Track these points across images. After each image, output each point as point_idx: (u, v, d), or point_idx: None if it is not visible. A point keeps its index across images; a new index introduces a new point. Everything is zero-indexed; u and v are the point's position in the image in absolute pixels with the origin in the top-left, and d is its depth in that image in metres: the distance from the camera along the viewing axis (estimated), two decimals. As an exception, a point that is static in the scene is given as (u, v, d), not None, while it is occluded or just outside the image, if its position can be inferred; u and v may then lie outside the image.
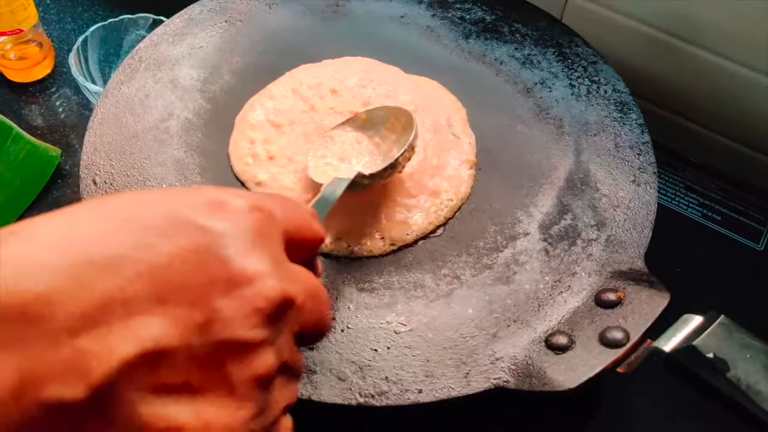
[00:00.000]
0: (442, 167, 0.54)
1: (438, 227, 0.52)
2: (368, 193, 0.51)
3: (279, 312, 0.25)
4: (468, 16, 0.65)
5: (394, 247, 0.51)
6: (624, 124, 0.57)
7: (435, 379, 0.44)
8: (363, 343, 0.45)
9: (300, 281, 0.27)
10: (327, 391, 0.43)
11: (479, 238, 0.51)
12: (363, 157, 0.52)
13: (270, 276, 0.25)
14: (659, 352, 0.40)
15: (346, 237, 0.50)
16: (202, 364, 0.23)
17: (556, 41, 0.63)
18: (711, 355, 0.37)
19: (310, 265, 0.31)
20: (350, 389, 0.43)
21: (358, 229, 0.51)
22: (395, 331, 0.46)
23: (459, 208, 0.53)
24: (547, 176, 0.55)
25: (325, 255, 0.50)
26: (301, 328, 0.27)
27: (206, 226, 0.24)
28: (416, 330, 0.46)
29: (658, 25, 0.66)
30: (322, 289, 0.29)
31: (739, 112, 0.66)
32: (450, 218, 0.52)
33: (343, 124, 0.54)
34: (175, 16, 0.63)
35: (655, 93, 0.69)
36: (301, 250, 0.29)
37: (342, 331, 0.46)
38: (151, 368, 0.22)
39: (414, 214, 0.52)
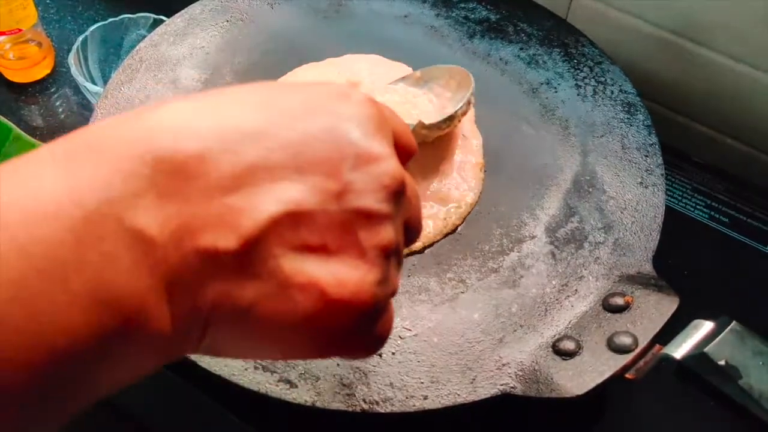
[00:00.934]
0: (451, 171, 0.53)
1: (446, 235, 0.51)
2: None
3: (400, 192, 0.26)
4: (472, 16, 0.64)
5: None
6: (631, 125, 0.57)
7: (440, 385, 0.43)
8: (367, 348, 0.45)
9: (407, 176, 0.28)
10: (331, 397, 0.42)
11: (485, 241, 0.51)
12: (418, 110, 0.53)
13: (391, 159, 0.26)
14: (669, 359, 0.39)
15: None
16: (337, 229, 0.24)
17: (562, 41, 0.62)
18: (723, 363, 0.37)
19: None
20: (354, 395, 0.42)
21: None
22: (400, 336, 0.45)
23: (467, 215, 0.52)
24: (553, 178, 0.54)
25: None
26: (407, 219, 0.29)
27: (336, 110, 0.26)
28: (421, 335, 0.45)
29: (664, 26, 0.65)
30: (417, 192, 0.31)
31: (748, 113, 0.65)
32: (459, 225, 0.52)
33: (398, 81, 0.54)
34: (176, 15, 0.62)
35: (662, 94, 0.69)
36: (401, 157, 0.30)
37: (346, 336, 0.45)
38: (294, 228, 0.24)
39: (424, 223, 0.51)
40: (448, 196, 0.52)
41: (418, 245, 0.50)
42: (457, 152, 0.54)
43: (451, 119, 0.51)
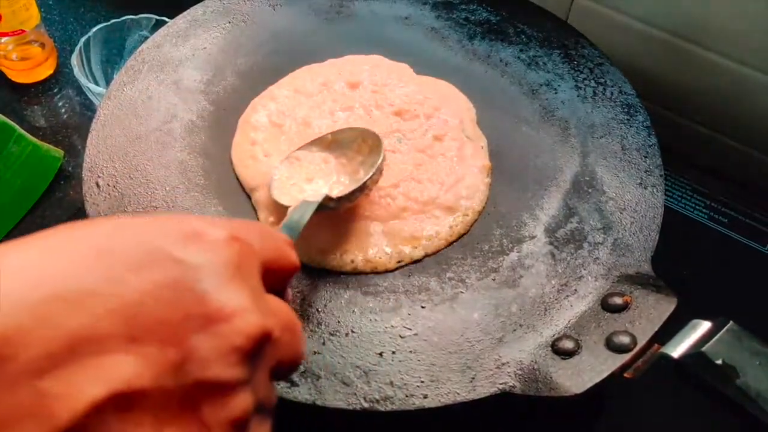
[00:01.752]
0: (460, 178, 0.53)
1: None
2: (377, 209, 0.51)
3: (257, 349, 0.24)
4: (473, 17, 0.64)
5: (402, 264, 0.50)
6: (630, 126, 0.57)
7: (440, 384, 0.43)
8: (367, 347, 0.45)
9: (276, 314, 0.26)
10: (331, 395, 0.43)
11: (485, 241, 0.51)
12: (330, 178, 0.51)
13: (248, 311, 0.23)
14: (667, 358, 0.39)
15: (350, 254, 0.50)
16: (175, 407, 0.21)
17: (562, 42, 0.62)
18: (720, 362, 0.37)
19: (281, 294, 0.30)
20: (355, 394, 0.43)
21: (363, 246, 0.50)
22: (400, 335, 0.46)
23: (473, 223, 0.52)
24: (553, 179, 0.54)
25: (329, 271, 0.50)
26: (277, 363, 0.26)
27: (182, 258, 0.23)
28: (421, 334, 0.46)
29: (664, 27, 0.65)
30: (297, 321, 0.28)
31: (747, 114, 0.65)
32: (464, 234, 0.52)
33: (308, 144, 0.53)
34: (178, 17, 0.63)
35: (662, 95, 0.69)
36: (276, 279, 0.28)
37: (346, 335, 0.46)
38: (122, 411, 0.20)
39: (427, 230, 0.51)
40: (455, 205, 0.52)
41: (419, 253, 0.50)
42: (462, 157, 0.55)
43: (360, 190, 0.49)
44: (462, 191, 0.53)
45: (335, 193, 0.48)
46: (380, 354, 0.45)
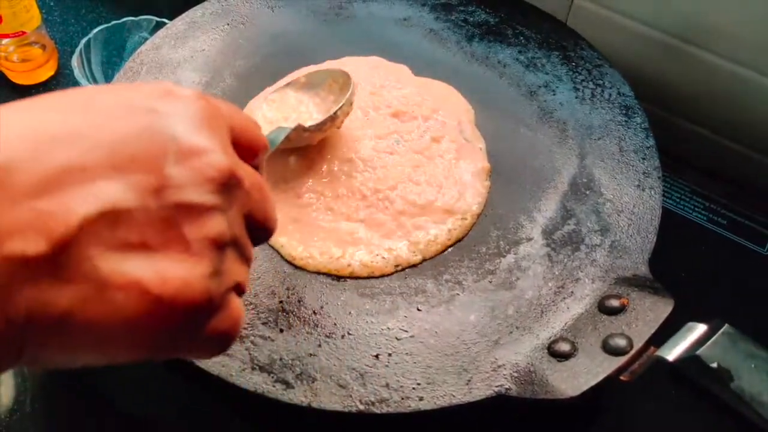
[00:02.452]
0: (458, 180, 0.53)
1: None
2: (374, 213, 0.51)
3: (228, 183, 0.26)
4: (471, 19, 0.64)
5: (400, 269, 0.50)
6: (628, 128, 0.57)
7: (436, 386, 0.43)
8: (364, 349, 0.45)
9: (246, 170, 0.28)
10: (327, 398, 0.43)
11: (481, 243, 0.51)
12: (304, 116, 0.54)
13: (217, 151, 0.26)
14: (663, 361, 0.39)
15: (348, 258, 0.50)
16: (158, 225, 0.24)
17: (561, 44, 0.62)
18: (714, 365, 0.37)
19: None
20: (351, 396, 0.43)
21: (361, 251, 0.50)
22: (396, 338, 0.46)
23: (472, 226, 0.52)
24: (551, 180, 0.54)
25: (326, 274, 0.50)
26: (250, 213, 0.28)
27: (156, 108, 0.26)
28: (417, 336, 0.46)
29: (664, 28, 0.65)
30: (267, 187, 0.30)
31: (746, 115, 0.65)
32: (463, 237, 0.52)
33: (283, 87, 0.55)
34: (177, 19, 0.63)
35: (661, 96, 0.69)
36: (245, 153, 0.30)
37: (342, 337, 0.46)
38: (111, 227, 0.23)
39: (425, 234, 0.51)
40: (453, 208, 0.52)
41: (417, 258, 0.50)
42: (461, 159, 0.55)
43: (332, 119, 0.52)
44: (460, 194, 0.53)
45: (308, 124, 0.51)
46: (376, 356, 0.45)
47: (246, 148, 0.30)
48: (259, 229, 0.29)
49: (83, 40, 0.70)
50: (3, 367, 0.23)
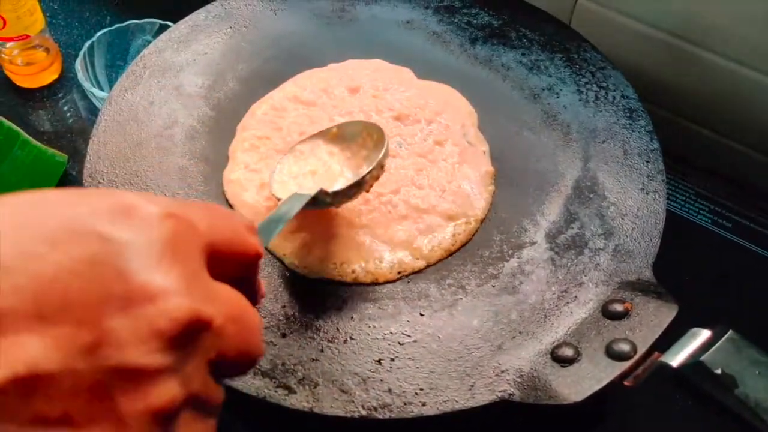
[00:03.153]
0: (462, 184, 0.53)
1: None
2: (377, 218, 0.51)
3: (186, 335, 0.22)
4: (475, 21, 0.64)
5: (403, 275, 0.50)
6: (633, 130, 0.56)
7: (439, 392, 0.43)
8: (366, 354, 0.45)
9: (221, 301, 0.24)
10: (329, 403, 0.43)
11: (485, 247, 0.51)
12: (333, 172, 0.50)
13: (177, 293, 0.22)
14: (666, 367, 0.39)
15: (351, 264, 0.49)
16: (86, 394, 0.20)
17: (564, 46, 0.62)
18: (719, 371, 0.37)
19: (249, 284, 0.28)
20: (353, 401, 0.43)
21: (364, 257, 0.50)
22: (399, 342, 0.46)
23: (476, 231, 0.52)
24: (554, 184, 0.54)
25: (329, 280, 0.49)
26: (219, 355, 0.23)
27: (108, 234, 0.21)
28: (420, 341, 0.46)
29: (668, 29, 0.65)
30: (251, 312, 0.26)
31: (751, 116, 0.65)
32: (467, 242, 0.51)
33: (313, 137, 0.52)
34: (180, 22, 0.63)
35: (665, 98, 0.68)
36: (232, 266, 0.26)
37: (345, 341, 0.46)
38: (26, 396, 0.19)
39: (429, 240, 0.50)
40: (457, 213, 0.52)
41: (421, 264, 0.50)
42: (464, 162, 0.54)
43: (359, 185, 0.47)
44: (464, 198, 0.52)
45: (331, 189, 0.47)
46: (379, 361, 0.45)
47: (232, 261, 0.26)
48: (236, 364, 0.25)
49: (87, 44, 0.70)
50: None
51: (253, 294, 0.29)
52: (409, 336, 0.46)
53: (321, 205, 0.47)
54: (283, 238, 0.50)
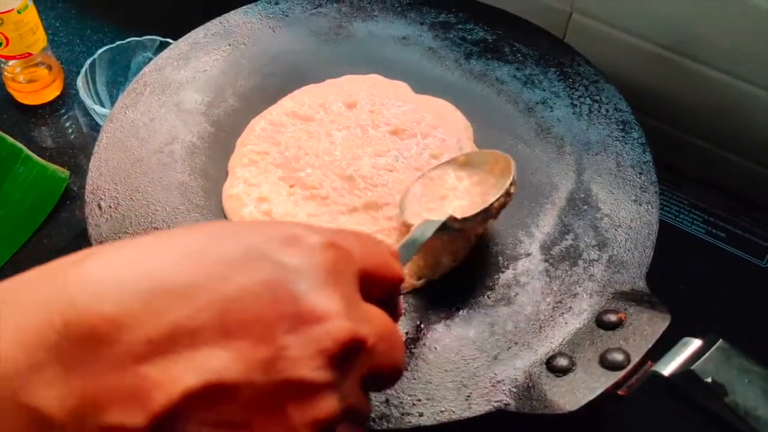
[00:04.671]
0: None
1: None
2: (375, 231, 0.51)
3: (347, 354, 0.24)
4: (469, 37, 0.65)
5: (402, 293, 0.49)
6: (626, 143, 0.57)
7: (436, 402, 0.44)
8: (364, 366, 0.46)
9: (373, 322, 0.26)
10: (328, 414, 0.43)
11: (480, 259, 0.52)
12: (462, 200, 0.51)
13: (340, 316, 0.24)
14: (659, 376, 0.40)
15: None
16: (263, 403, 0.22)
17: (558, 60, 0.63)
18: (709, 380, 0.37)
19: (390, 305, 0.31)
20: (351, 413, 0.43)
21: None
22: (396, 354, 0.46)
23: (475, 245, 0.52)
24: (549, 196, 0.55)
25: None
26: (370, 371, 0.26)
27: (280, 260, 0.24)
28: (417, 353, 0.46)
29: (661, 42, 0.66)
30: (397, 332, 0.28)
31: (744, 127, 0.66)
32: (466, 257, 0.51)
33: (443, 165, 0.53)
34: (180, 40, 0.64)
35: (659, 109, 0.69)
36: (379, 288, 0.28)
37: (343, 354, 0.46)
38: (213, 402, 0.21)
39: (429, 257, 0.50)
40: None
41: (420, 282, 0.50)
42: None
43: (486, 212, 0.48)
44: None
45: (460, 215, 0.48)
46: (376, 372, 0.45)
47: (379, 285, 0.28)
48: (384, 380, 0.27)
49: (88, 61, 0.71)
50: None
51: (395, 313, 0.32)
52: (406, 347, 0.47)
53: (449, 231, 0.48)
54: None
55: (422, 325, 0.48)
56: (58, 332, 0.21)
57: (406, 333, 0.47)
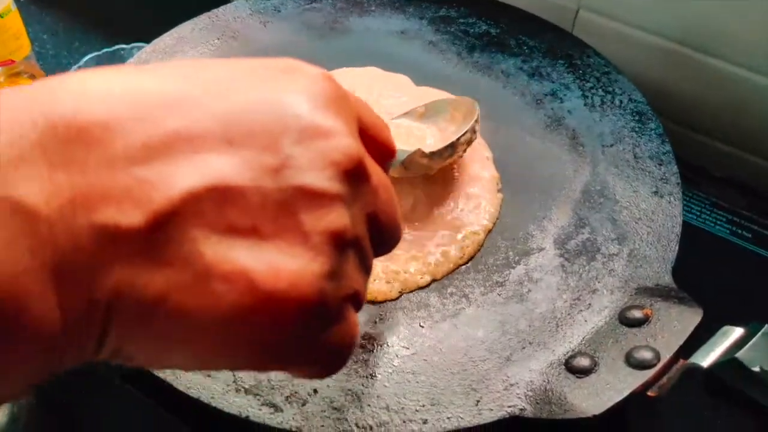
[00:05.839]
0: (467, 192, 0.50)
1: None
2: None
3: (355, 172, 0.23)
4: (472, 30, 0.62)
5: (404, 293, 0.45)
6: (642, 134, 0.53)
7: (442, 408, 0.39)
8: (360, 368, 0.41)
9: (373, 164, 0.25)
10: (320, 421, 0.38)
11: (489, 254, 0.47)
12: (425, 142, 0.50)
13: (346, 134, 0.23)
14: (696, 369, 0.35)
15: None
16: (273, 209, 0.21)
17: (566, 53, 0.60)
18: (757, 369, 0.32)
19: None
20: (346, 420, 0.38)
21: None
22: (397, 355, 0.41)
23: (484, 242, 0.48)
24: (561, 189, 0.51)
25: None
26: (375, 215, 0.24)
27: (281, 83, 0.23)
28: (420, 353, 0.42)
29: (672, 36, 0.62)
30: (393, 189, 0.26)
31: (762, 124, 0.62)
32: (474, 255, 0.47)
33: (400, 116, 0.52)
34: (165, 34, 0.61)
35: (672, 108, 0.66)
36: (372, 148, 0.26)
37: (337, 355, 0.41)
38: (218, 206, 0.20)
39: (434, 254, 0.47)
40: (464, 223, 0.48)
41: (426, 280, 0.46)
42: (468, 169, 0.51)
43: (453, 147, 0.48)
44: (470, 206, 0.49)
45: (428, 150, 0.47)
46: (374, 376, 0.40)
47: (373, 146, 0.26)
48: (384, 235, 0.25)
49: (74, 68, 0.68)
50: (82, 355, 0.20)
51: None
52: (407, 348, 0.42)
53: (416, 169, 0.47)
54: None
55: (424, 325, 0.43)
56: (41, 132, 0.19)
57: (406, 333, 0.43)
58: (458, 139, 0.47)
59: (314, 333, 0.22)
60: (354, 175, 0.22)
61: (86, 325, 0.19)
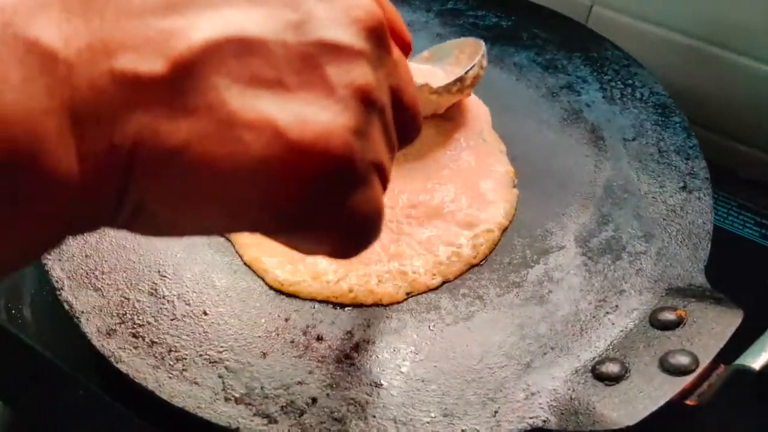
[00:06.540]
0: (481, 187, 0.46)
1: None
2: (384, 227, 0.43)
3: (377, 33, 0.22)
4: (482, 23, 0.59)
5: (412, 295, 0.42)
6: (666, 127, 0.50)
7: (455, 419, 0.35)
8: (364, 375, 0.37)
9: (392, 43, 0.24)
10: (319, 434, 0.34)
11: (504, 253, 0.43)
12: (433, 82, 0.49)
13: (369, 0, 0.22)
14: (746, 372, 0.31)
15: (349, 281, 0.42)
16: (297, 62, 0.20)
17: (582, 45, 0.56)
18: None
19: None
20: (348, 432, 0.34)
21: (367, 273, 0.42)
22: (405, 361, 0.37)
23: (499, 240, 0.44)
24: (581, 183, 0.47)
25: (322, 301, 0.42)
26: (397, 89, 0.23)
27: None
28: (431, 359, 0.38)
29: (691, 32, 0.59)
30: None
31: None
32: (489, 254, 0.44)
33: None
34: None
35: (693, 107, 0.62)
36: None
37: (339, 361, 0.37)
38: (240, 56, 0.19)
39: (444, 252, 0.43)
40: (478, 219, 0.44)
41: (436, 281, 0.42)
42: (481, 162, 0.48)
43: (461, 81, 0.48)
44: (484, 203, 0.45)
45: (435, 85, 0.47)
46: (380, 384, 0.36)
47: (393, 37, 0.25)
48: (406, 114, 0.24)
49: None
50: (100, 208, 0.19)
51: None
52: (416, 353, 0.38)
53: (424, 107, 0.46)
54: (262, 252, 0.42)
55: (435, 328, 0.39)
56: None
57: (416, 337, 0.39)
58: (466, 72, 0.48)
59: (340, 191, 0.21)
60: (377, 36, 0.22)
61: (106, 175, 0.18)
